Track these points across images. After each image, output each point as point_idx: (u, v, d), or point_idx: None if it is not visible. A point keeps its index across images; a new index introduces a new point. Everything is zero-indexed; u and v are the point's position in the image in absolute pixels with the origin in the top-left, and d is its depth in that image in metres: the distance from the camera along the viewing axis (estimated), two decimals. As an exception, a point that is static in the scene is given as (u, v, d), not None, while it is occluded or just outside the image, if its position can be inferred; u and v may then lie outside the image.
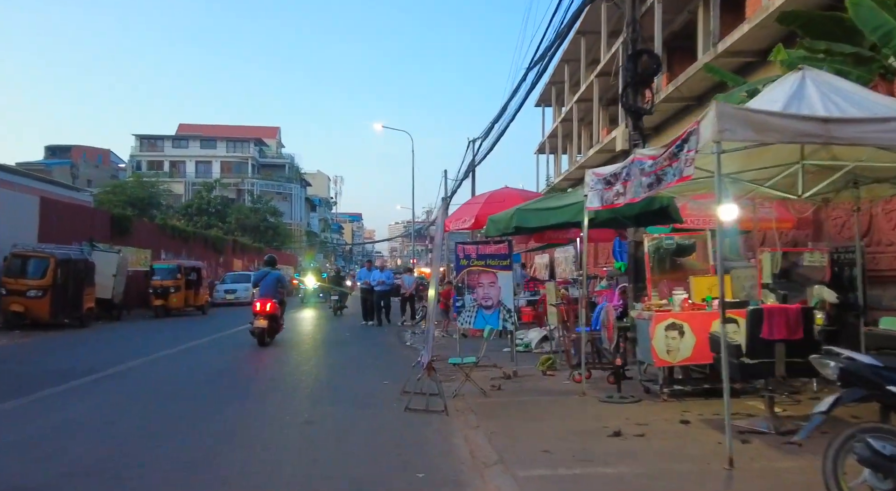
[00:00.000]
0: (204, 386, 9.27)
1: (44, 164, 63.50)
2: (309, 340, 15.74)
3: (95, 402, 8.03)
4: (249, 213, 56.80)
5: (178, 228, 29.77)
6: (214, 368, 11.11)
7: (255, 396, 8.54)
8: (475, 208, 11.36)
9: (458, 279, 11.80)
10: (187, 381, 9.78)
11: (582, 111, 40.81)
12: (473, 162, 29.64)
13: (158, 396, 8.44)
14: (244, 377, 10.14)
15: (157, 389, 8.96)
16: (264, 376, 10.37)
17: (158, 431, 6.54)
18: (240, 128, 75.52)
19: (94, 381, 9.41)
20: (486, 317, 11.45)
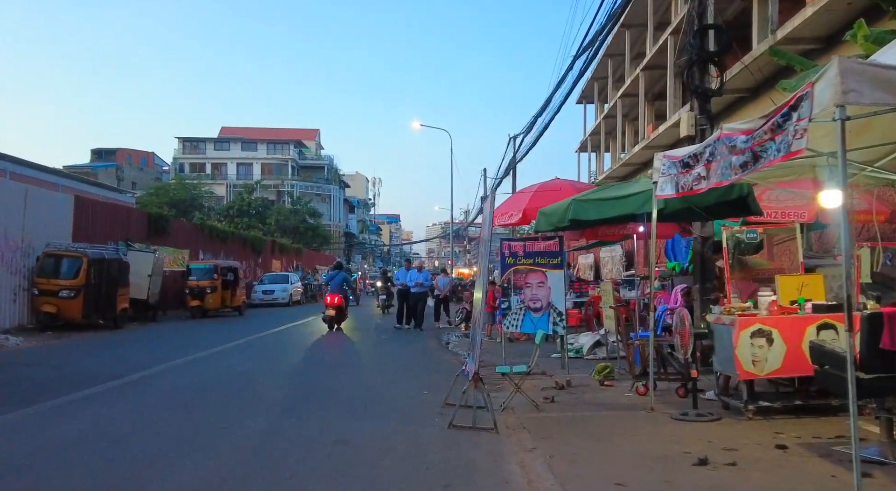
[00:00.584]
0: (230, 395, 8.46)
1: (89, 167, 64.57)
2: (343, 344, 14.98)
3: (108, 414, 7.27)
4: (289, 214, 56.67)
5: (216, 228, 29.36)
6: (243, 373, 10.32)
7: (283, 407, 7.69)
8: (522, 201, 10.37)
9: (503, 279, 10.83)
10: (214, 388, 8.99)
11: (626, 107, 39.42)
12: (514, 159, 28.61)
13: (179, 407, 7.66)
14: (273, 385, 9.28)
15: (179, 399, 8.20)
16: (294, 384, 9.49)
17: (170, 452, 5.70)
18: (280, 130, 75.75)
19: (113, 388, 8.70)
20: (535, 320, 10.48)
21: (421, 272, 18.21)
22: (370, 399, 8.25)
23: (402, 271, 18.81)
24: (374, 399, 8.25)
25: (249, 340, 15.07)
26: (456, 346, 14.09)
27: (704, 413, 6.74)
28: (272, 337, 15.86)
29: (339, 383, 9.38)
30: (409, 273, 18.01)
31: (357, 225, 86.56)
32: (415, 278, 17.47)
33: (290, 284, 31.44)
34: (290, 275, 33.16)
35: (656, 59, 33.70)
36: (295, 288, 31.90)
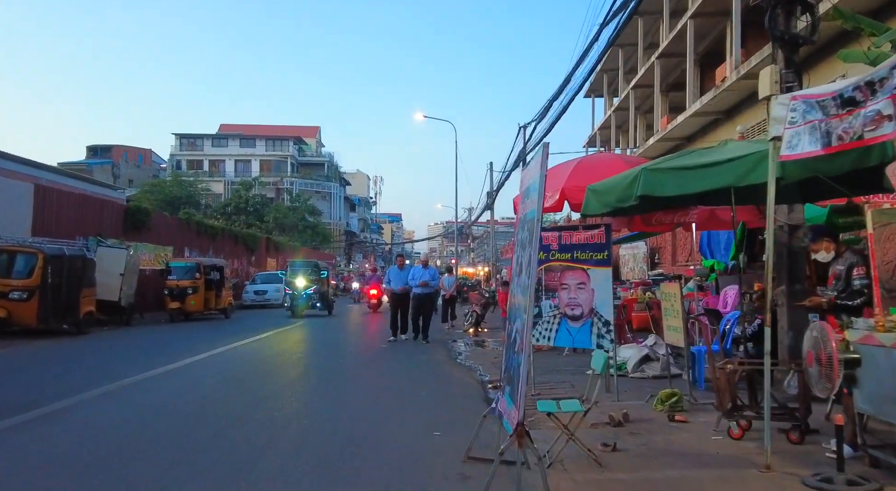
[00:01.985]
0: (169, 439, 6.04)
1: (85, 163, 62.37)
2: (331, 356, 12.57)
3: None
4: (288, 212, 54.42)
5: (204, 224, 27.02)
6: (200, 401, 7.91)
7: (238, 462, 5.32)
8: (558, 180, 8.02)
9: (537, 276, 8.55)
10: (153, 426, 6.56)
11: (639, 98, 37.15)
12: (524, 150, 26.27)
13: (91, 458, 5.36)
14: (233, 419, 6.80)
15: (100, 444, 5.83)
16: (260, 419, 6.80)
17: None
18: (280, 127, 73.47)
19: (16, 426, 6.39)
20: (573, 331, 8.18)
21: (427, 269, 14.75)
22: (360, 446, 5.83)
23: (393, 271, 15.18)
24: (366, 446, 5.83)
25: (223, 350, 12.75)
26: (468, 357, 11.79)
27: (857, 480, 4.45)
28: (250, 348, 13.51)
29: (317, 421, 6.81)
30: (407, 271, 14.91)
31: (358, 223, 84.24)
32: (419, 277, 14.28)
33: (283, 284, 29.01)
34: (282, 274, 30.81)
35: (673, 46, 31.45)
36: (289, 288, 29.57)
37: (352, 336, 16.58)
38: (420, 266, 14.97)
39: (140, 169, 66.70)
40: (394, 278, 14.79)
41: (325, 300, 22.12)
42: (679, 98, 35.52)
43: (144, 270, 21.42)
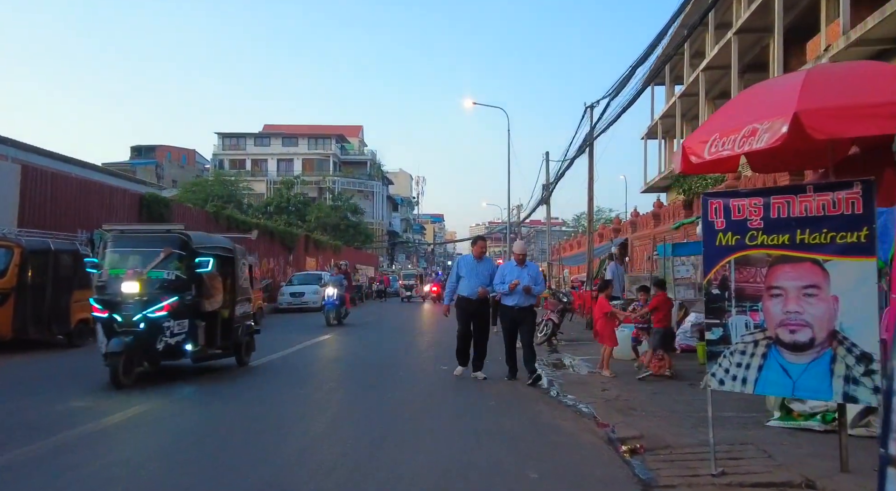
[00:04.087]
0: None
1: (129, 164, 60.84)
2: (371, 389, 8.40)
3: None
4: (329, 211, 51.62)
5: (235, 218, 23.95)
6: (180, 465, 4.69)
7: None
8: (774, 103, 4.37)
9: (708, 277, 5.05)
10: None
11: (709, 82, 33.12)
12: (591, 134, 22.62)
13: None
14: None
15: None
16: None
17: None
18: (322, 127, 70.95)
19: None
20: (792, 369, 4.60)
21: (525, 266, 8.87)
22: None
23: (465, 263, 9.12)
24: None
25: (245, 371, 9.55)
26: (563, 388, 8.23)
27: None
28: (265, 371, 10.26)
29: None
30: (486, 266, 9.06)
31: (401, 224, 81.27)
32: (513, 278, 8.59)
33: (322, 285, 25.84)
34: (323, 274, 27.58)
35: (753, 20, 27.50)
36: (329, 289, 26.38)
37: (399, 352, 13.19)
38: (513, 262, 9.05)
39: (184, 169, 64.88)
40: (467, 274, 8.87)
41: None
42: (756, 80, 31.52)
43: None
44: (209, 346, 8.96)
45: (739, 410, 6.61)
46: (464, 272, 8.99)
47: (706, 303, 5.02)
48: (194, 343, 8.55)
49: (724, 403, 7.12)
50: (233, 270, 9.72)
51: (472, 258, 9.13)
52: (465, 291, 8.88)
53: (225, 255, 9.58)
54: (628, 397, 7.57)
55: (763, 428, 6.09)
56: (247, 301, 10.35)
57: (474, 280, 8.86)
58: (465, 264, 9.10)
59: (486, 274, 8.95)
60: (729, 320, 4.82)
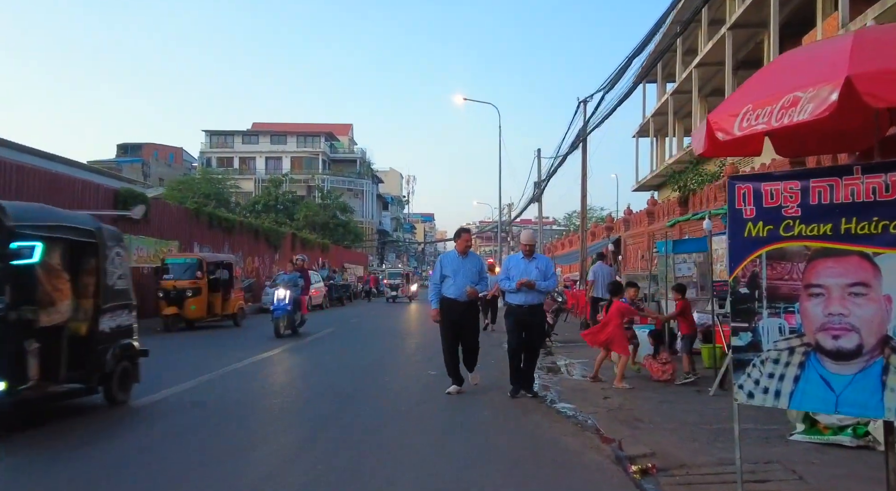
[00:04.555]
0: None
1: (115, 162, 59.75)
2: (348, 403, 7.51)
3: None
4: (318, 209, 50.78)
5: (217, 215, 23.00)
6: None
7: None
8: (835, 59, 3.68)
9: (735, 273, 4.36)
10: None
11: (702, 79, 32.57)
12: (585, 129, 22.02)
13: None
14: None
15: None
16: None
17: None
18: (312, 125, 70.05)
19: None
20: (835, 381, 3.93)
21: (535, 258, 7.69)
22: None
23: (449, 260, 7.83)
24: None
25: (214, 376, 8.78)
26: (561, 395, 7.54)
27: None
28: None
29: None
30: (474, 262, 7.84)
31: (391, 223, 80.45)
32: (521, 274, 7.47)
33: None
34: (309, 273, 26.81)
35: (747, 16, 26.98)
36: (316, 289, 25.56)
37: (381, 353, 12.46)
38: (519, 255, 7.78)
39: (171, 167, 63.81)
40: (452, 273, 7.61)
41: None
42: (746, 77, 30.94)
43: (141, 268, 17.64)
44: (49, 378, 5.99)
45: (758, 422, 5.95)
46: (448, 271, 7.66)
47: (732, 303, 4.33)
48: (11, 378, 5.50)
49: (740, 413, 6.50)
50: (97, 263, 6.62)
51: (457, 254, 7.80)
52: (450, 293, 7.59)
53: (78, 239, 6.49)
54: (632, 407, 6.89)
55: (787, 443, 5.43)
56: (124, 309, 7.12)
57: (460, 279, 7.56)
58: (448, 262, 7.73)
59: (473, 271, 7.67)
60: (759, 324, 4.13)
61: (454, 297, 7.57)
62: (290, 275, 14.58)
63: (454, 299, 7.57)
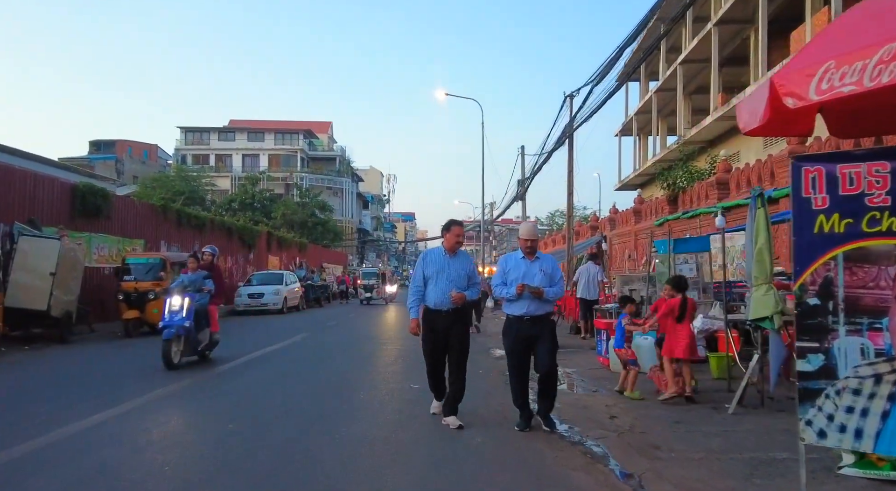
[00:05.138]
0: None
1: (87, 159, 57.92)
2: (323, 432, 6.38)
3: None
4: (297, 208, 49.50)
5: (185, 212, 21.70)
6: None
7: None
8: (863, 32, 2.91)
9: (804, 277, 3.45)
10: None
11: (687, 76, 31.95)
12: (571, 125, 21.15)
13: None
14: None
15: None
16: None
17: None
18: (290, 122, 68.63)
19: None
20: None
21: (539, 259, 5.97)
22: None
23: (433, 258, 6.21)
24: None
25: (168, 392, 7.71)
26: (561, 415, 6.58)
27: None
28: (230, 377, 8.53)
29: None
30: (462, 262, 6.21)
31: (371, 222, 79.22)
32: (526, 277, 5.81)
33: (284, 285, 23.84)
34: (284, 274, 25.60)
35: (734, 11, 26.38)
36: (291, 290, 24.41)
37: (358, 362, 11.45)
38: (518, 254, 6.09)
39: (145, 165, 62.03)
40: (435, 275, 6.10)
41: None
42: (735, 73, 30.43)
43: (102, 269, 16.45)
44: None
45: (792, 449, 5.04)
46: (431, 272, 6.06)
47: (798, 317, 3.42)
48: None
49: (771, 438, 5.61)
50: None
51: (443, 252, 6.18)
52: (432, 300, 6.00)
53: None
54: (645, 429, 5.98)
55: (837, 478, 4.52)
56: None
57: (443, 282, 5.97)
58: (432, 261, 6.13)
59: (462, 273, 6.07)
60: (834, 344, 3.24)
61: (435, 306, 5.99)
62: (192, 275, 10.12)
63: (436, 310, 6.00)
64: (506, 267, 6.00)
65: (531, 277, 5.79)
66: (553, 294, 5.84)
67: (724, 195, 16.94)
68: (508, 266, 5.98)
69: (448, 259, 6.16)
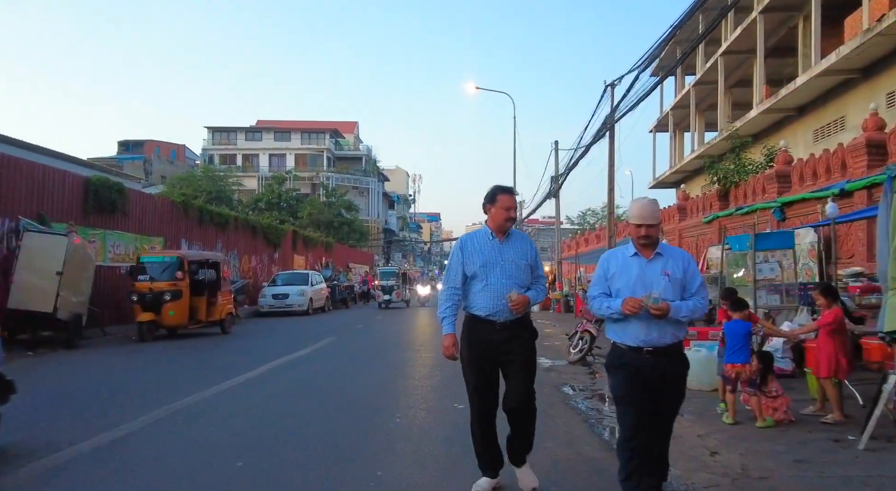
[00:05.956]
0: None
1: (116, 159, 57.78)
2: None
3: None
4: (323, 207, 48.58)
5: (208, 210, 20.62)
6: None
7: None
8: None
9: None
10: None
11: (728, 68, 30.21)
12: (613, 115, 19.69)
13: None
14: None
15: None
16: None
17: None
18: (316, 122, 67.89)
19: None
20: None
21: (656, 257, 3.70)
22: None
23: (479, 242, 4.16)
24: None
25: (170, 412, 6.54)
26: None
27: None
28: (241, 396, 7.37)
29: None
30: (520, 245, 4.17)
31: (397, 222, 78.15)
32: (637, 282, 3.66)
33: (310, 285, 22.69)
34: (310, 273, 24.47)
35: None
36: (317, 291, 23.28)
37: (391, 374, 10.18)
38: (628, 249, 3.79)
39: (173, 165, 61.78)
40: (482, 270, 4.09)
41: None
42: (781, 64, 28.69)
43: (118, 268, 15.44)
44: None
45: None
46: (475, 265, 4.10)
47: None
48: None
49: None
50: None
51: (489, 235, 4.17)
52: (479, 306, 4.09)
53: None
54: (761, 470, 4.64)
55: None
56: None
57: (498, 280, 4.06)
58: (476, 249, 4.15)
59: (521, 264, 4.14)
60: None
61: (487, 314, 4.05)
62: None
63: (488, 319, 4.05)
64: (609, 269, 3.79)
65: (649, 283, 3.61)
66: (688, 311, 3.61)
67: (784, 189, 15.38)
68: (613, 268, 3.77)
69: (498, 245, 4.11)
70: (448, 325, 4.13)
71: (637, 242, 3.75)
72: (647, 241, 3.70)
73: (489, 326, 4.06)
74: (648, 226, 3.66)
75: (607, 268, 3.81)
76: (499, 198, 4.14)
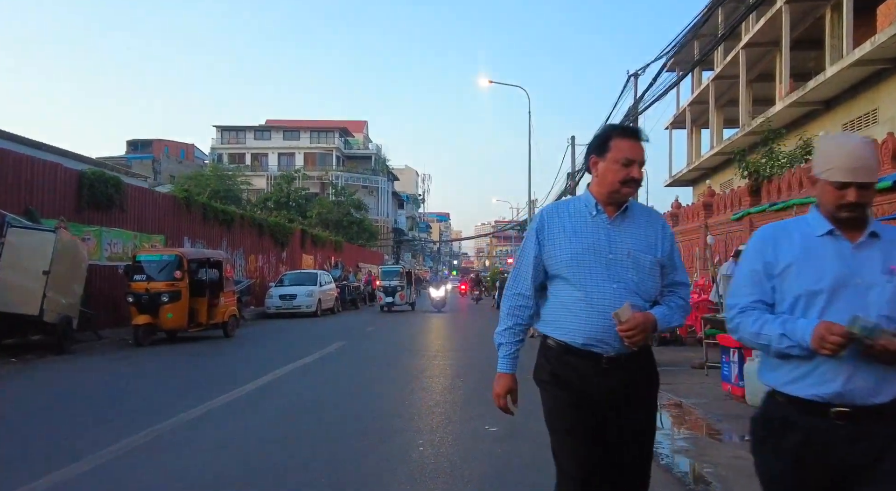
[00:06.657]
0: None
1: (125, 158, 57.18)
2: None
3: None
4: (332, 207, 47.69)
5: (211, 207, 19.67)
6: None
7: None
8: None
9: None
10: None
11: (750, 62, 29.00)
12: (637, 107, 18.63)
13: None
14: None
15: None
16: None
17: None
18: (325, 122, 67.06)
19: None
20: None
21: (874, 244, 1.95)
22: None
23: (569, 217, 2.40)
24: None
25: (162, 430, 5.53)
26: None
27: None
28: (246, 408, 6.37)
29: None
30: (631, 233, 2.38)
31: (406, 221, 77.18)
32: (837, 285, 1.91)
33: (318, 286, 21.69)
34: (319, 273, 23.45)
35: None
36: (325, 291, 22.26)
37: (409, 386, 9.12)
38: (804, 222, 2.05)
39: (182, 164, 61.11)
40: (574, 265, 2.35)
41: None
42: (805, 58, 27.48)
43: (115, 267, 14.47)
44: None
45: None
46: (562, 257, 2.38)
47: None
48: None
49: None
50: None
51: (591, 208, 2.41)
52: (570, 329, 2.36)
53: None
54: None
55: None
56: None
57: (601, 285, 2.34)
58: (562, 229, 2.41)
59: (642, 260, 2.37)
60: None
61: (584, 342, 2.34)
62: None
63: (584, 349, 2.35)
64: (777, 258, 2.02)
65: (862, 287, 1.92)
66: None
67: (825, 183, 14.23)
68: (785, 256, 2.01)
69: (606, 226, 2.39)
70: (505, 358, 2.51)
71: (836, 214, 1.97)
72: (854, 213, 1.95)
73: (588, 362, 2.34)
74: (860, 186, 1.92)
75: (773, 256, 2.01)
76: (614, 143, 2.36)
